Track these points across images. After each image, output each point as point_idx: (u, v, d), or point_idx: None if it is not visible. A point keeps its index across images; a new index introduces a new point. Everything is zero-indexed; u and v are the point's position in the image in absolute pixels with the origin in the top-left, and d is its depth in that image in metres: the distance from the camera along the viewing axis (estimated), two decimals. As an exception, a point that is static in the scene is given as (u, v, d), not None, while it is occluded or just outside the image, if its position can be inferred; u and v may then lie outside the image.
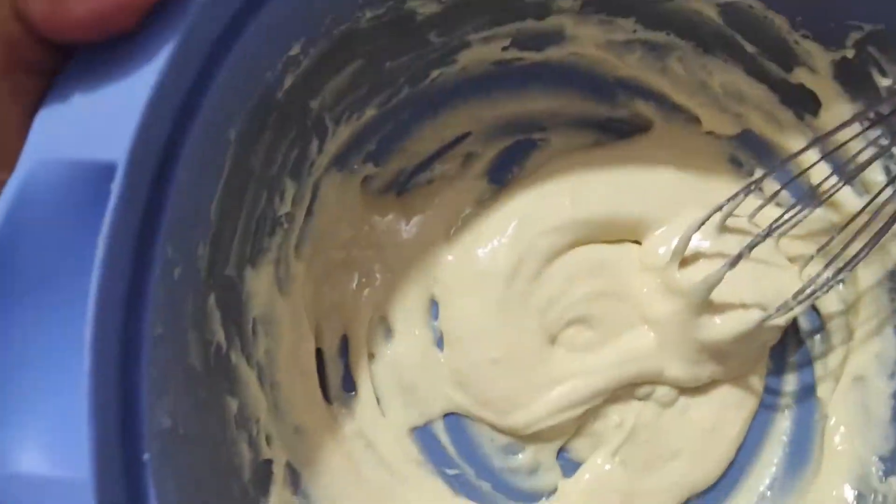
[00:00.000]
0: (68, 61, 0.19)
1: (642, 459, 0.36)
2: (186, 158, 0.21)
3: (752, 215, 0.35)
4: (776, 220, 0.32)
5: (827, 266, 0.33)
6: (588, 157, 0.38)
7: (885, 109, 0.29)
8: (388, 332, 0.36)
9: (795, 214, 0.34)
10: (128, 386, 0.20)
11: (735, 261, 0.32)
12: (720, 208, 0.33)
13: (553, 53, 0.36)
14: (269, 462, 0.31)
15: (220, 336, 0.28)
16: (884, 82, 0.30)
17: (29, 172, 0.18)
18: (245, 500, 0.29)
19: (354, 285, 0.36)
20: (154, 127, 0.19)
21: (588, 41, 0.36)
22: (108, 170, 0.18)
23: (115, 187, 0.18)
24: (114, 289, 0.19)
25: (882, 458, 0.33)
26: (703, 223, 0.33)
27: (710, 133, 0.38)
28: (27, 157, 0.18)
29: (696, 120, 0.38)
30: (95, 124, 0.18)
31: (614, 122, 0.39)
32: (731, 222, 0.35)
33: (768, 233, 0.31)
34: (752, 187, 0.33)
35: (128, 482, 0.20)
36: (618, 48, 0.36)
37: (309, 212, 0.35)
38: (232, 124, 0.27)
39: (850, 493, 0.34)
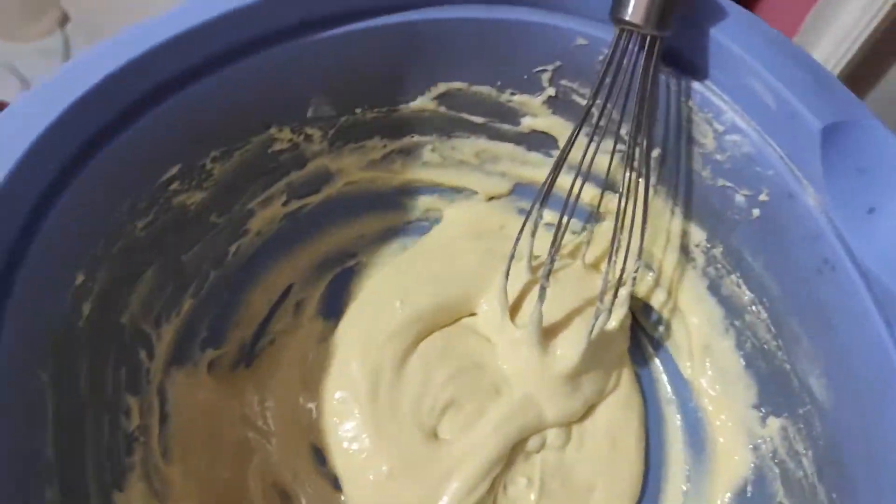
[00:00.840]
0: None
1: (563, 506, 0.36)
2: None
3: (550, 247, 0.39)
4: (553, 243, 0.35)
5: (619, 259, 0.36)
6: (401, 262, 0.41)
7: (593, 122, 0.34)
8: (285, 496, 0.37)
9: (563, 229, 0.36)
10: None
11: (542, 294, 0.35)
12: (512, 257, 0.36)
13: (330, 190, 0.40)
14: None
15: (98, 570, 0.28)
16: (584, 102, 0.35)
17: None
18: None
19: (236, 465, 0.37)
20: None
21: (353, 168, 0.39)
22: None
23: None
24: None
25: (755, 406, 0.35)
26: (507, 275, 0.36)
27: (492, 198, 0.42)
28: None
29: (475, 193, 0.42)
30: None
31: (413, 224, 0.42)
32: (539, 261, 0.39)
33: (552, 258, 0.34)
34: (533, 226, 0.36)
35: None
36: (380, 164, 0.40)
37: (163, 416, 0.35)
38: (40, 368, 0.28)
39: (747, 451, 0.35)
